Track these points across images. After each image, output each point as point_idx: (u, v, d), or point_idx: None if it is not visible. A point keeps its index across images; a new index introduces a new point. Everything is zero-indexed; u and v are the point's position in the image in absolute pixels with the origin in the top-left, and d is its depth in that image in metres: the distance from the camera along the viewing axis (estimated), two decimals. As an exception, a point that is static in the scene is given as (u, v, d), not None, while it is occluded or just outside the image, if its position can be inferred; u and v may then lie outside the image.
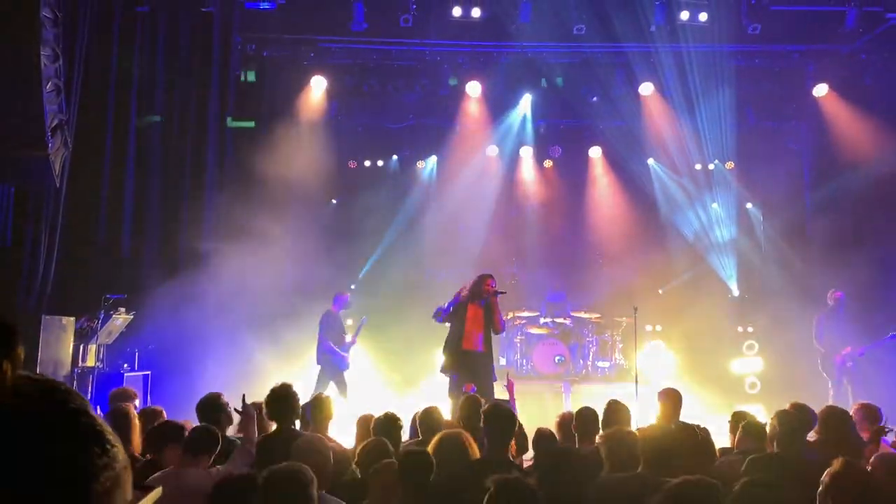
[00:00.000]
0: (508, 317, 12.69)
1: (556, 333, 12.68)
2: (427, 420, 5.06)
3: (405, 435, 5.29)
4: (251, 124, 12.18)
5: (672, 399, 6.06)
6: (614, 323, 12.54)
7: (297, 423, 5.10)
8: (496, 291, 8.33)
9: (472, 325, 8.22)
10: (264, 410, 4.98)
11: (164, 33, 10.80)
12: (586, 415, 5.29)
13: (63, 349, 8.62)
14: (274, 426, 4.95)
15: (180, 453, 4.21)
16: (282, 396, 4.89)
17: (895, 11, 10.86)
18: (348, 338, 10.54)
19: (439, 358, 11.40)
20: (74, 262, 9.86)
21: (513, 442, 4.62)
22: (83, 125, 9.67)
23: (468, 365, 8.07)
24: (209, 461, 4.21)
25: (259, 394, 5.48)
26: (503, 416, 4.42)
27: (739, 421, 5.25)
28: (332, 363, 10.19)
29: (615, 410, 5.30)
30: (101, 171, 10.25)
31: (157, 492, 1.20)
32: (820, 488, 3.12)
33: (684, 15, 10.88)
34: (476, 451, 4.23)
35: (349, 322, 11.42)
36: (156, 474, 4.06)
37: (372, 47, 12.19)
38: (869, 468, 4.00)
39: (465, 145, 13.55)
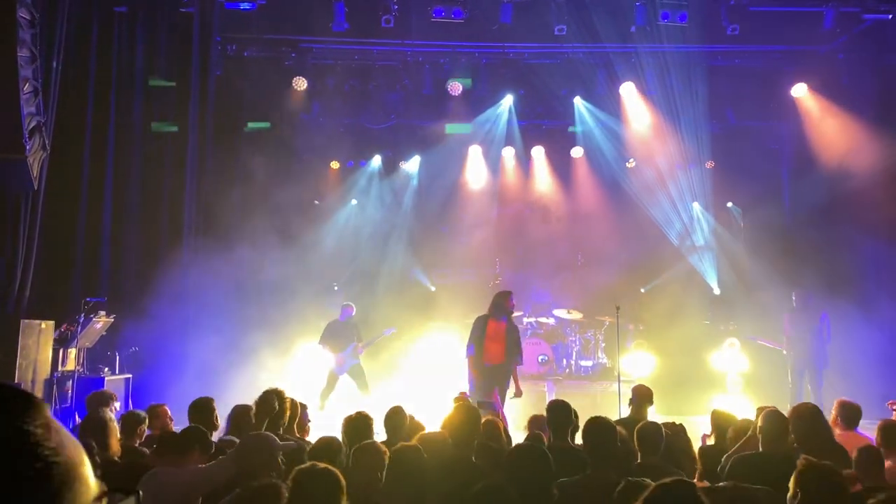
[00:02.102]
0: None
1: (540, 333, 12.71)
2: (392, 420, 5.07)
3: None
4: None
5: (640, 395, 6.14)
6: (597, 322, 12.59)
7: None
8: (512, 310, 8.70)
9: (490, 341, 8.40)
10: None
11: (143, 34, 10.72)
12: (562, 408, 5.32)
13: (42, 353, 8.51)
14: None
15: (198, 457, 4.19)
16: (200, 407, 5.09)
17: (872, 12, 10.98)
18: (360, 344, 10.90)
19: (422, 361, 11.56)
20: (54, 265, 9.76)
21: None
22: (62, 127, 9.57)
23: (489, 379, 8.27)
24: (199, 459, 4.18)
25: (242, 398, 5.47)
26: (560, 408, 4.90)
27: (719, 419, 5.29)
28: (330, 366, 10.70)
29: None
30: (80, 173, 10.15)
31: (127, 502, 1.17)
32: (789, 493, 3.15)
33: (664, 16, 10.94)
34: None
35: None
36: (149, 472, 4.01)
37: (353, 47, 12.15)
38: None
39: (447, 146, 13.56)
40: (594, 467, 4.00)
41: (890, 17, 10.92)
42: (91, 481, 0.96)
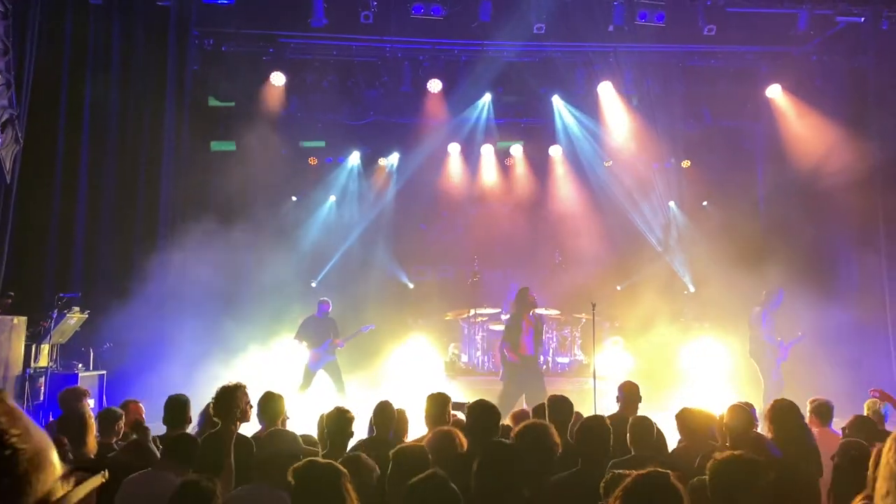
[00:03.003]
0: (469, 314, 12.77)
1: (517, 330, 12.76)
2: (381, 416, 5.06)
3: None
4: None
5: (629, 392, 6.20)
6: (573, 319, 12.69)
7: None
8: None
9: (526, 334, 9.34)
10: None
11: (119, 27, 10.59)
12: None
13: (14, 349, 8.38)
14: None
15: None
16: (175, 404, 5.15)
17: (845, 15, 11.15)
18: (337, 340, 10.87)
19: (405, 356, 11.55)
20: (26, 259, 9.64)
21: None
22: (35, 120, 9.44)
23: (521, 370, 9.14)
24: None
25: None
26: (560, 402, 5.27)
27: (686, 415, 5.33)
28: (305, 361, 10.73)
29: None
30: (53, 168, 10.02)
31: (96, 478, 1.17)
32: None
33: (641, 16, 11.03)
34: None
35: None
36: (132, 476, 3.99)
37: (332, 43, 12.10)
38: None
39: (426, 143, 13.55)
40: (585, 463, 4.03)
41: (862, 19, 11.09)
42: (57, 464, 0.98)
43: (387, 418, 5.01)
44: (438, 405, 5.14)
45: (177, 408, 5.10)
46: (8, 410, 0.96)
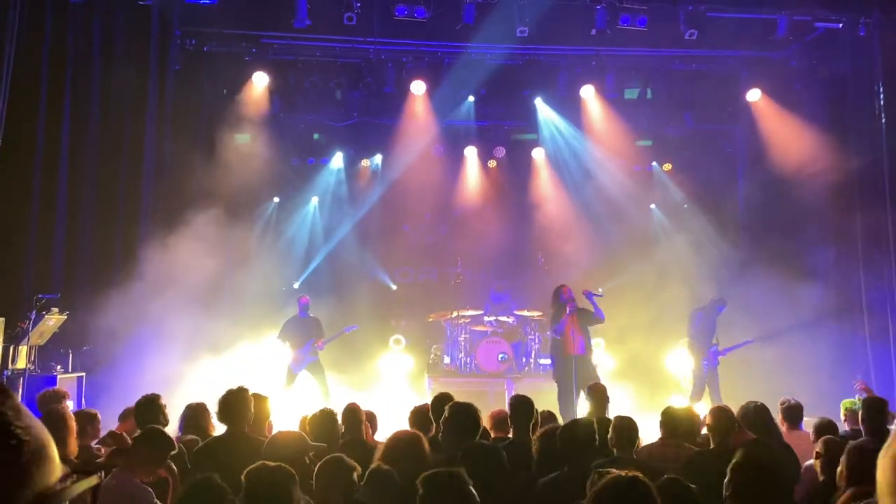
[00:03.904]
0: (452, 315, 12.79)
1: (500, 332, 12.80)
2: (349, 417, 5.09)
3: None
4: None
5: (598, 393, 6.27)
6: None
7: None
8: (573, 298, 9.40)
9: (571, 332, 9.23)
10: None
11: (100, 27, 10.50)
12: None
13: (-9, 351, 8.31)
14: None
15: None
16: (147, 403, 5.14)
17: (823, 21, 11.29)
18: (319, 341, 10.88)
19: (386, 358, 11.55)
20: (4, 260, 9.52)
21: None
22: (13, 120, 9.33)
23: (574, 368, 8.97)
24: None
25: (196, 396, 5.42)
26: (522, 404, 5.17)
27: (669, 414, 5.38)
28: (287, 362, 10.76)
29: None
30: (32, 166, 9.89)
31: (93, 478, 1.21)
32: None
33: (624, 20, 11.10)
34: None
35: None
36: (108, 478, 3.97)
37: (315, 44, 12.08)
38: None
39: (410, 145, 13.56)
40: (571, 465, 4.06)
41: (840, 25, 11.23)
42: (57, 461, 1.01)
43: (356, 420, 5.05)
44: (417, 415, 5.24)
45: (145, 407, 5.07)
46: (14, 405, 0.99)
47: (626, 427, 4.61)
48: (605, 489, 2.59)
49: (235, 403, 4.62)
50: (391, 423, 5.62)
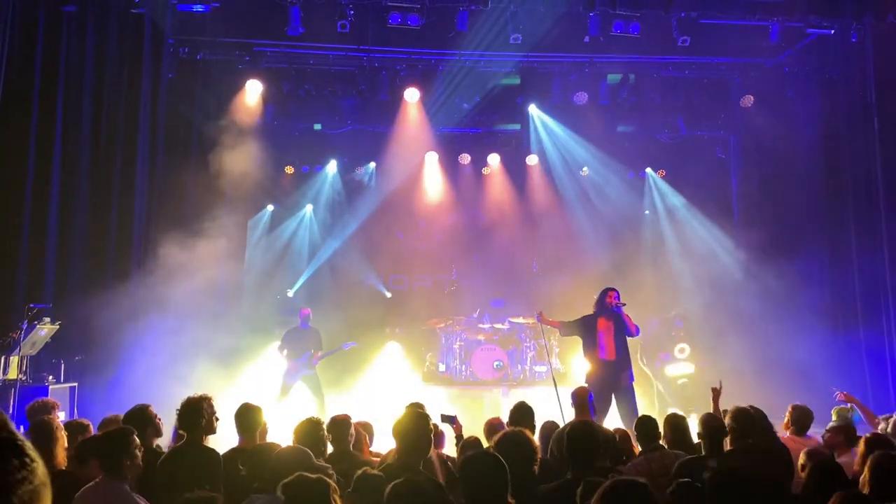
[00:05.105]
0: (448, 323, 12.76)
1: (495, 339, 12.79)
2: (336, 429, 5.05)
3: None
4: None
5: (582, 397, 6.25)
6: (550, 328, 12.69)
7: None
8: (619, 304, 8.75)
9: (606, 337, 8.69)
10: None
11: (93, 35, 10.47)
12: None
13: (-18, 361, 8.24)
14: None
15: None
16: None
17: (815, 27, 11.34)
18: (316, 355, 10.84)
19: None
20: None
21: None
22: (6, 129, 9.30)
23: (608, 374, 8.51)
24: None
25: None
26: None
27: (671, 422, 5.37)
28: (282, 372, 10.76)
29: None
30: (24, 177, 9.85)
31: None
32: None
33: (617, 27, 11.13)
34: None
35: None
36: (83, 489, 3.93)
37: (309, 52, 12.07)
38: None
39: (404, 152, 13.55)
40: (574, 472, 4.03)
41: (832, 31, 11.28)
42: (49, 489, 1.03)
43: (343, 432, 5.00)
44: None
45: (133, 417, 5.04)
46: (28, 441, 1.03)
47: (650, 426, 4.90)
48: (605, 493, 2.57)
49: (193, 411, 4.66)
50: (388, 432, 5.56)
